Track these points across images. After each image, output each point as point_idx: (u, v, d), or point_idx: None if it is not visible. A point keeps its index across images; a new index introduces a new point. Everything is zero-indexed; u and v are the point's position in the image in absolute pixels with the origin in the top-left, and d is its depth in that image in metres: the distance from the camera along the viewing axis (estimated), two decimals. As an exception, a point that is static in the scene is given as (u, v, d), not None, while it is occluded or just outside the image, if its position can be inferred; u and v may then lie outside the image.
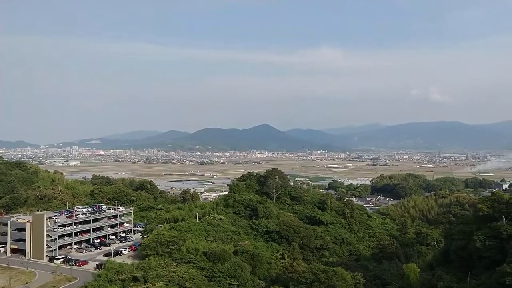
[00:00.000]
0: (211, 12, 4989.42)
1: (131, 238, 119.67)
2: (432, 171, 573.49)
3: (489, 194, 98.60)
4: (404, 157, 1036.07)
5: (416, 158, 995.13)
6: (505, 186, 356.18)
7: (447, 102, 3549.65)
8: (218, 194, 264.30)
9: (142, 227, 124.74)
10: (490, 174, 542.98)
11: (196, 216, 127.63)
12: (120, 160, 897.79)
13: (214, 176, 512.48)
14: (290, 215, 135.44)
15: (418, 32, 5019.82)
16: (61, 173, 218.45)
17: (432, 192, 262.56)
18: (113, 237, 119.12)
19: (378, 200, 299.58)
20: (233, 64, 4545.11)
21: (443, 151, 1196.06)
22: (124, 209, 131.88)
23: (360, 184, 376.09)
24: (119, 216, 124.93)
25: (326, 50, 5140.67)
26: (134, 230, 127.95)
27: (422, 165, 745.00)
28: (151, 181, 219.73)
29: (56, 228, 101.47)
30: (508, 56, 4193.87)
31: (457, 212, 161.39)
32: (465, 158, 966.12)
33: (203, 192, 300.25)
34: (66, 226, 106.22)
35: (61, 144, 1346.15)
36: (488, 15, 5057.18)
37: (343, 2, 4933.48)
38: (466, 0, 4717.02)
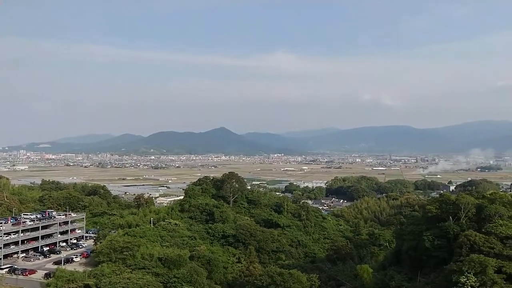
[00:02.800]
0: (165, 14, 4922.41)
1: (83, 245, 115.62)
2: (383, 174, 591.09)
3: (437, 195, 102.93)
4: (357, 160, 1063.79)
5: (368, 161, 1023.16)
6: (452, 187, 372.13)
7: (398, 107, 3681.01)
8: (173, 198, 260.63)
9: (95, 233, 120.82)
10: (438, 176, 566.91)
11: (150, 221, 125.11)
12: (71, 164, 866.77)
13: (169, 181, 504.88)
14: (247, 219, 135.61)
15: (368, 39, 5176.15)
16: (7, 178, 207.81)
17: (383, 194, 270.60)
18: (64, 244, 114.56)
19: (332, 202, 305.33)
20: (188, 67, 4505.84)
21: (394, 154, 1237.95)
22: (75, 215, 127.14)
23: (316, 187, 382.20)
24: (70, 222, 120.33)
25: (281, 55, 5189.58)
26: (86, 237, 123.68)
27: (374, 168, 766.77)
28: (104, 186, 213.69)
29: (1, 236, 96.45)
30: (451, 64, 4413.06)
31: (407, 213, 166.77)
32: (415, 161, 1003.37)
33: (157, 197, 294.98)
34: (12, 234, 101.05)
35: (7, 148, 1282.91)
36: (433, 24, 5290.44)
37: (297, 8, 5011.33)
38: (412, 10, 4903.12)
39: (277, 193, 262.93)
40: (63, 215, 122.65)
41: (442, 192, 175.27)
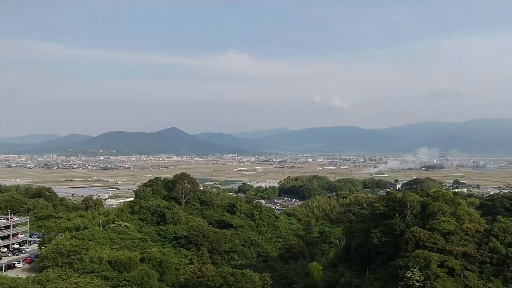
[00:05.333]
0: (112, 12, 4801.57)
1: (26, 249, 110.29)
2: (334, 173, 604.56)
3: (384, 194, 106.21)
4: (309, 160, 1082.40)
5: (319, 160, 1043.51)
6: (398, 186, 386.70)
7: (346, 108, 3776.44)
8: (123, 200, 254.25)
9: (40, 237, 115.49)
10: (385, 175, 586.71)
11: (99, 223, 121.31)
12: (14, 165, 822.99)
13: (119, 182, 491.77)
14: (199, 220, 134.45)
15: (314, 43, 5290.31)
16: None
17: (334, 193, 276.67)
18: (5, 249, 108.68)
19: (285, 202, 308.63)
20: (137, 67, 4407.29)
21: (344, 154, 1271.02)
22: (18, 218, 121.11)
23: (269, 187, 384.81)
24: (12, 226, 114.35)
25: (233, 56, 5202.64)
26: (30, 241, 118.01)
27: (325, 167, 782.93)
28: (49, 187, 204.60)
29: None
30: (394, 68, 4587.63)
31: (356, 211, 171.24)
32: (363, 160, 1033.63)
33: (107, 199, 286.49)
34: None
35: None
36: (376, 29, 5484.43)
37: (247, 8, 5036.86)
38: (355, 15, 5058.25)
39: (230, 194, 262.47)
40: (4, 219, 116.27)
41: (389, 190, 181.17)
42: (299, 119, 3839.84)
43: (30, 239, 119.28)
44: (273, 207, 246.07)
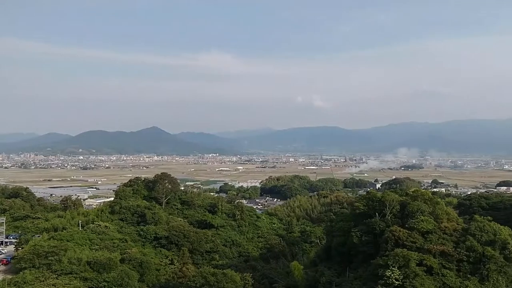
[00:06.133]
0: (94, 11, 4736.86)
1: (2, 251, 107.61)
2: (315, 173, 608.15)
3: (365, 193, 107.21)
4: (291, 159, 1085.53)
5: (301, 160, 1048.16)
6: (378, 185, 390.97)
7: (328, 109, 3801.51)
8: (103, 200, 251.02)
9: (16, 238, 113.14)
10: (365, 174, 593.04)
11: (79, 224, 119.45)
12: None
13: (99, 182, 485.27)
14: (180, 220, 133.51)
15: (299, 43, 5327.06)
16: None
17: (315, 192, 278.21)
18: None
19: (266, 201, 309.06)
20: (118, 65, 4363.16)
21: (325, 153, 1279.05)
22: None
23: (250, 186, 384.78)
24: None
25: (216, 55, 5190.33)
26: (6, 242, 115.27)
27: (306, 167, 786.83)
28: (27, 187, 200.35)
29: None
30: (376, 69, 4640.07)
31: (337, 211, 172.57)
32: (344, 160, 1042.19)
33: (86, 199, 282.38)
34: None
35: None
36: (359, 30, 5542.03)
37: (231, 7, 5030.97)
38: (339, 16, 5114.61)
39: (212, 194, 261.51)
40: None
41: (369, 190, 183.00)
42: (281, 119, 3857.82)
43: (6, 240, 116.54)
44: (255, 207, 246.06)
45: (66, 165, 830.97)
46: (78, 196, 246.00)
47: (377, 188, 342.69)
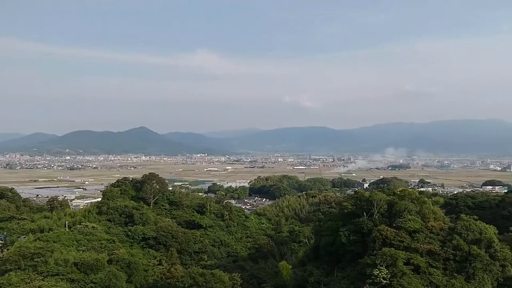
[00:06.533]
0: (79, 9, 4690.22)
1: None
2: (303, 173, 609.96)
3: (353, 193, 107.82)
4: (279, 159, 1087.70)
5: (289, 160, 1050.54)
6: (366, 185, 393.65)
7: (316, 109, 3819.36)
8: (90, 201, 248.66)
9: (1, 240, 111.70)
10: (353, 174, 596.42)
11: (65, 225, 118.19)
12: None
13: (86, 182, 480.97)
14: (168, 220, 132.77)
15: (286, 43, 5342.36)
16: None
17: (303, 192, 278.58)
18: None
19: (255, 201, 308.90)
20: (104, 64, 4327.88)
21: (313, 153, 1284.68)
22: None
23: (239, 187, 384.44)
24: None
25: (203, 55, 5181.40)
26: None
27: (295, 167, 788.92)
28: (12, 188, 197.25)
29: None
30: (363, 69, 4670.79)
31: (325, 210, 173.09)
32: (332, 160, 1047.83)
33: (73, 199, 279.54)
34: None
35: None
36: (345, 31, 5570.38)
37: (218, 7, 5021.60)
38: (327, 16, 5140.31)
39: (200, 194, 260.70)
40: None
41: (357, 189, 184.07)
42: (270, 119, 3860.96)
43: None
44: (244, 207, 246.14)
45: (52, 165, 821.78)
46: (65, 196, 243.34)
47: (365, 187, 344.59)
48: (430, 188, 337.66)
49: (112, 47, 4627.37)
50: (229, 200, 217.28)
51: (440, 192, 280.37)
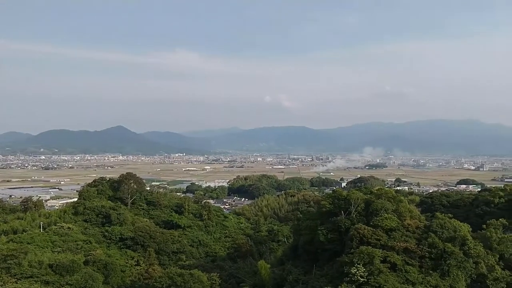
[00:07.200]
0: (61, 7, 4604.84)
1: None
2: (282, 172, 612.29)
3: (331, 192, 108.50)
4: (259, 159, 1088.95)
5: (269, 160, 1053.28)
6: (343, 184, 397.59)
7: (295, 108, 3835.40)
8: (66, 201, 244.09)
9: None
10: (331, 173, 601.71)
11: (40, 226, 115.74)
12: None
13: (62, 182, 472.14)
14: (146, 221, 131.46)
15: (265, 43, 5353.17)
16: None
17: (282, 191, 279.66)
18: None
19: (234, 201, 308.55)
20: (80, 62, 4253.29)
21: (292, 153, 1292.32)
22: None
23: (218, 186, 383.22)
24: None
25: (183, 54, 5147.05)
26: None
27: (274, 166, 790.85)
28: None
29: None
30: (341, 69, 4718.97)
31: (304, 209, 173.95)
32: (311, 159, 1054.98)
33: (48, 200, 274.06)
34: None
35: None
36: (324, 31, 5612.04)
37: (198, 5, 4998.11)
38: (305, 16, 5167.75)
39: (178, 194, 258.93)
40: None
41: (335, 188, 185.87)
42: (249, 119, 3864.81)
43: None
44: (222, 206, 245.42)
45: (26, 165, 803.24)
46: (40, 197, 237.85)
47: (342, 186, 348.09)
48: (406, 187, 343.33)
49: (88, 45, 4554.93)
50: (208, 200, 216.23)
51: (416, 191, 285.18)
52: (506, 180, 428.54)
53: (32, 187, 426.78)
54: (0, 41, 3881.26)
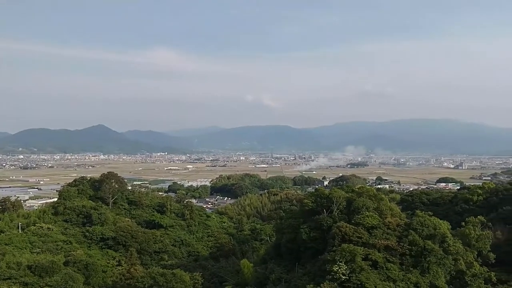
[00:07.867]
0: (40, 3, 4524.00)
1: None
2: (265, 171, 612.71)
3: (313, 190, 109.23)
4: (241, 158, 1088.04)
5: (251, 159, 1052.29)
6: (326, 182, 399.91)
7: (278, 108, 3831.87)
8: (45, 201, 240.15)
9: None
10: (314, 172, 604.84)
11: (18, 226, 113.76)
12: None
13: (41, 182, 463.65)
14: (128, 220, 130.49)
15: (246, 42, 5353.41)
16: None
17: (265, 190, 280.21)
18: None
19: (217, 200, 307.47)
20: (59, 60, 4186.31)
21: (275, 152, 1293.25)
22: None
23: (200, 185, 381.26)
24: None
25: (162, 52, 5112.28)
26: None
27: (257, 165, 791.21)
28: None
29: None
30: (323, 69, 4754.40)
31: (286, 208, 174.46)
32: (294, 158, 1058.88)
33: (27, 200, 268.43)
34: None
35: None
36: (307, 31, 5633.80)
37: (179, 3, 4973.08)
38: (284, 16, 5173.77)
39: (160, 193, 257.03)
40: None
41: (317, 187, 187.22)
42: (232, 118, 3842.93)
43: None
44: (205, 206, 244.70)
45: (4, 164, 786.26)
46: (18, 197, 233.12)
47: (325, 185, 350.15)
48: (387, 185, 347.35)
49: (67, 43, 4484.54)
50: (190, 200, 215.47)
51: (397, 189, 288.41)
52: (484, 178, 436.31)
53: (10, 187, 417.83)
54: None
